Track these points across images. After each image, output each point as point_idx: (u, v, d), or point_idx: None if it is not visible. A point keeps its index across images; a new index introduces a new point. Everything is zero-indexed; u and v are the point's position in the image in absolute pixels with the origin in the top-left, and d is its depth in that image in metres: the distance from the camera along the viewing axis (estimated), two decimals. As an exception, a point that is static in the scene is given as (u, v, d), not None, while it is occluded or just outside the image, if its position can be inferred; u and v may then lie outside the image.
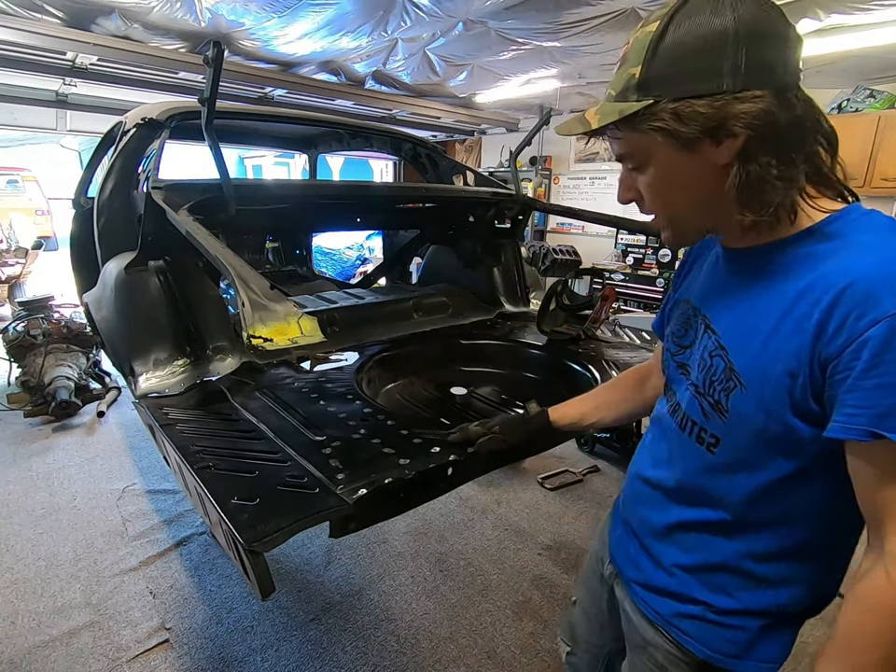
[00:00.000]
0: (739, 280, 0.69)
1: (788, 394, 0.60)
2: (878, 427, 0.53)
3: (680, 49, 0.58)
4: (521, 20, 3.03)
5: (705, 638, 0.75)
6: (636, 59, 0.61)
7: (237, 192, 1.59)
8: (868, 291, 0.54)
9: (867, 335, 0.53)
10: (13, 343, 3.70)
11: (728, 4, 0.57)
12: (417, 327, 2.12)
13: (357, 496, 0.97)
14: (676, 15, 0.59)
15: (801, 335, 0.59)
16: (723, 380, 0.67)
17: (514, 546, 2.39)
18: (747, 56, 0.56)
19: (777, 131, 0.58)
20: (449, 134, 6.57)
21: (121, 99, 4.32)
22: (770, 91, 0.57)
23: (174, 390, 1.52)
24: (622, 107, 0.62)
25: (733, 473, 0.69)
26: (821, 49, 3.12)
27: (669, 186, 0.66)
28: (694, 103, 0.58)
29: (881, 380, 0.53)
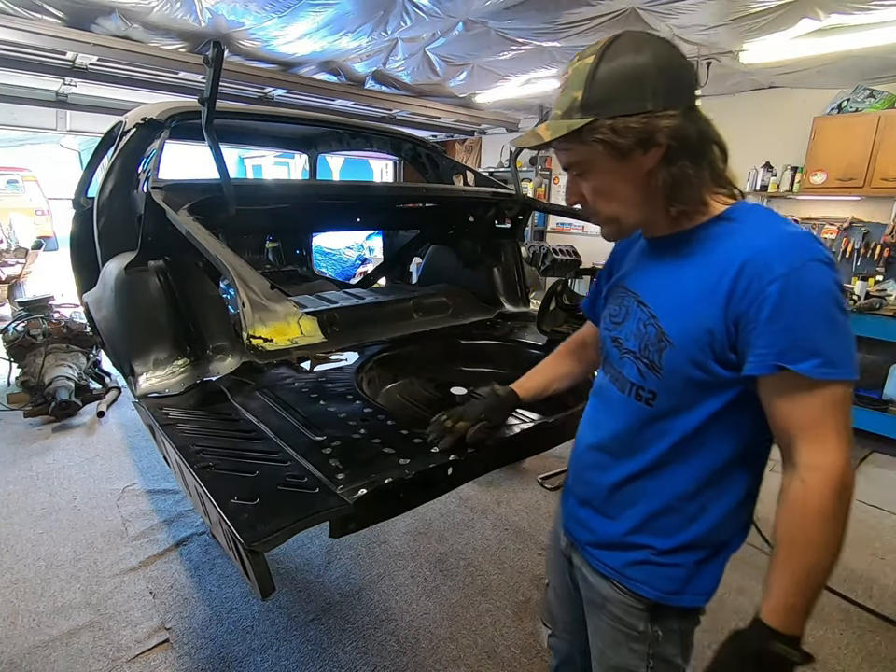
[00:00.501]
0: (662, 263, 0.85)
1: (709, 346, 0.75)
2: (780, 361, 0.68)
3: (613, 78, 0.73)
4: (521, 20, 3.02)
5: (652, 580, 0.86)
6: (577, 85, 0.75)
7: (237, 192, 1.59)
8: (764, 260, 0.70)
9: (767, 292, 0.68)
10: (13, 343, 3.70)
11: (646, 46, 0.74)
12: (417, 327, 2.12)
13: (356, 496, 0.97)
14: (607, 51, 0.74)
15: (715, 299, 0.73)
16: (656, 342, 0.80)
17: (514, 546, 2.39)
18: (663, 84, 0.72)
19: (690, 140, 0.74)
20: (449, 134, 6.56)
21: (121, 99, 4.32)
22: (682, 110, 0.73)
23: (174, 390, 1.52)
24: (569, 123, 0.75)
25: (669, 419, 0.81)
26: (821, 49, 3.12)
27: (608, 189, 0.80)
28: (627, 120, 0.72)
29: (780, 325, 0.68)
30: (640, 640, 0.89)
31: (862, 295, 3.62)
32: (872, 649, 1.88)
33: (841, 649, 1.88)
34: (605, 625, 0.94)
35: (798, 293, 0.67)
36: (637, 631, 0.89)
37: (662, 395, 0.81)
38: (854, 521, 2.85)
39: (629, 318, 0.87)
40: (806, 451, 0.70)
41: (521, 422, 1.47)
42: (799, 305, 0.67)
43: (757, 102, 4.40)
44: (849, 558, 2.36)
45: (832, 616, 2.02)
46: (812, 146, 3.91)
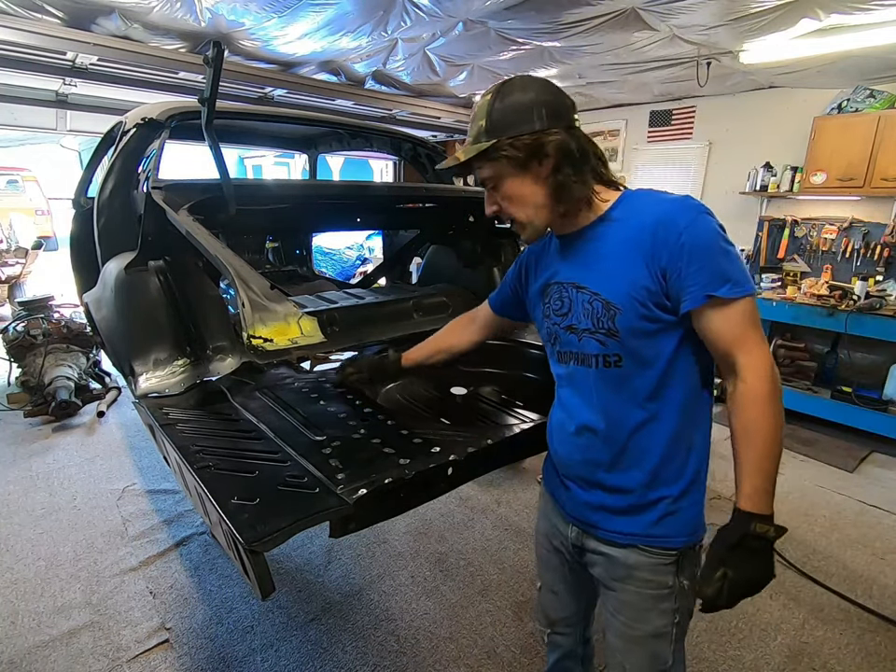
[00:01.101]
0: (582, 251, 0.99)
1: (649, 300, 0.89)
2: (706, 291, 0.84)
3: (507, 108, 0.92)
4: (521, 20, 3.02)
5: (676, 529, 0.97)
6: (481, 116, 0.94)
7: (237, 192, 1.59)
8: (668, 220, 0.87)
9: (679, 242, 0.85)
10: (13, 343, 3.70)
11: (531, 85, 0.93)
12: (417, 327, 2.11)
13: (356, 496, 0.97)
14: (501, 91, 0.93)
15: (643, 260, 0.89)
16: (605, 313, 0.93)
17: (514, 546, 2.39)
18: (546, 111, 0.91)
19: (571, 152, 0.91)
20: (449, 134, 6.55)
21: (121, 99, 4.31)
22: (562, 129, 0.91)
23: (174, 390, 1.52)
24: (478, 146, 0.94)
25: (639, 373, 0.93)
26: (821, 49, 3.11)
27: (516, 195, 0.96)
28: (522, 138, 0.90)
29: (698, 265, 0.85)
30: (668, 597, 0.98)
31: (862, 295, 3.61)
32: (872, 649, 1.88)
33: (841, 649, 1.88)
34: (632, 596, 1.00)
35: (699, 238, 0.85)
36: (666, 587, 0.97)
37: (625, 355, 0.93)
38: (854, 521, 2.85)
39: (574, 304, 0.99)
40: (741, 357, 0.86)
41: (521, 422, 1.47)
42: (704, 247, 0.85)
43: (757, 102, 4.40)
44: (849, 558, 2.36)
45: (832, 616, 2.02)
46: (812, 146, 3.91)
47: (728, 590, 0.83)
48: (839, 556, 2.37)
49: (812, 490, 2.95)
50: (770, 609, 2.05)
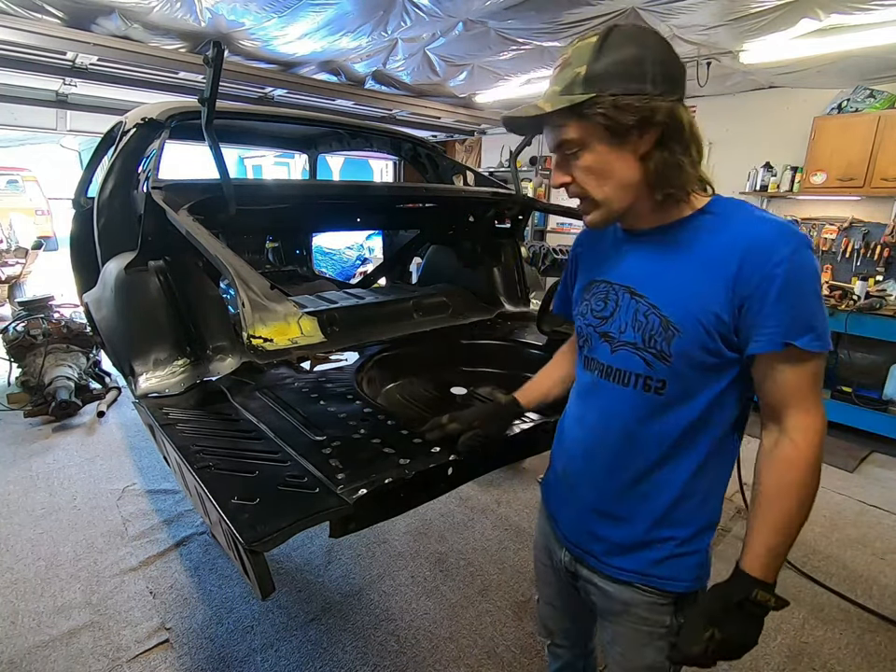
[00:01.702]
0: (651, 254, 0.85)
1: (717, 330, 0.77)
2: (787, 338, 0.73)
3: (616, 58, 0.75)
4: (521, 20, 3.02)
5: (679, 573, 0.88)
6: (580, 61, 0.77)
7: (237, 192, 1.59)
8: (767, 244, 0.74)
9: (774, 273, 0.73)
10: (13, 343, 3.70)
11: (645, 35, 0.78)
12: (417, 327, 2.11)
13: (357, 496, 0.97)
14: (610, 35, 0.77)
15: (720, 283, 0.76)
16: (661, 332, 0.81)
17: (514, 546, 2.39)
18: (662, 71, 0.75)
19: (683, 127, 0.77)
20: (449, 134, 6.56)
21: (121, 99, 4.31)
22: (677, 97, 0.77)
23: (174, 390, 1.52)
24: (570, 97, 0.76)
25: (678, 406, 0.83)
26: (821, 49, 3.12)
27: (602, 169, 0.80)
28: (628, 98, 0.74)
29: (787, 303, 0.73)
30: (665, 635, 0.90)
31: (862, 295, 3.61)
32: (872, 649, 1.88)
33: (841, 649, 1.88)
34: (627, 630, 0.93)
35: (798, 274, 0.73)
36: (663, 626, 0.90)
37: (671, 382, 0.82)
38: (854, 521, 2.85)
39: (619, 311, 0.87)
40: (796, 415, 0.77)
41: (521, 422, 1.47)
42: (800, 285, 0.73)
43: (757, 102, 4.40)
44: (849, 558, 2.36)
45: (832, 616, 2.02)
46: (812, 146, 3.91)
47: (712, 651, 0.78)
48: (839, 556, 2.37)
49: (812, 490, 2.94)
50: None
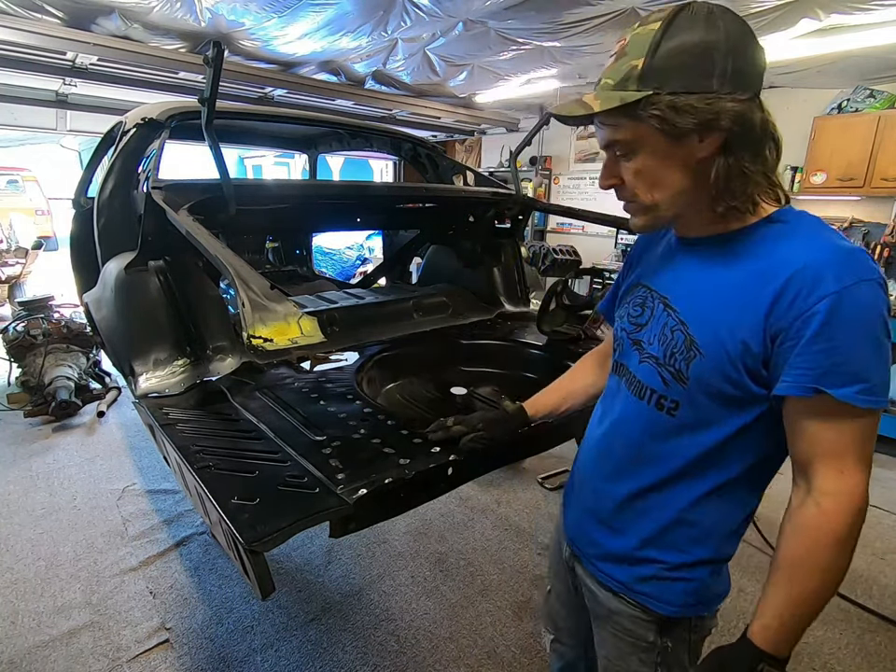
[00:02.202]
0: (696, 265, 0.78)
1: (741, 360, 0.70)
2: (820, 384, 0.64)
3: (679, 49, 0.66)
4: (521, 20, 3.02)
5: (663, 595, 0.84)
6: (637, 52, 0.68)
7: (237, 192, 1.59)
8: (815, 274, 0.64)
9: (815, 309, 0.63)
10: (13, 343, 3.70)
11: (719, 18, 0.66)
12: (417, 327, 2.11)
13: (357, 496, 0.97)
14: (675, 19, 0.67)
15: (756, 310, 0.68)
16: (684, 350, 0.75)
17: (514, 546, 2.39)
18: (733, 64, 0.65)
19: (753, 130, 0.67)
20: (449, 134, 6.55)
21: (121, 99, 4.31)
22: (750, 95, 0.67)
23: (174, 390, 1.52)
24: (623, 95, 0.68)
25: (691, 433, 0.77)
26: (821, 49, 3.12)
27: (655, 173, 0.72)
28: (689, 97, 0.65)
29: (825, 345, 0.63)
30: (649, 650, 0.87)
31: (862, 295, 3.61)
32: (872, 649, 1.88)
33: (841, 649, 1.88)
34: (612, 637, 0.92)
35: (848, 313, 0.62)
36: (646, 642, 0.87)
37: (685, 406, 0.76)
38: (854, 521, 2.78)
39: (653, 321, 0.82)
40: (827, 476, 0.68)
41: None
42: (847, 326, 0.63)
43: (757, 102, 4.40)
44: (849, 558, 2.36)
45: (832, 616, 2.02)
46: (812, 146, 3.90)
47: None
48: (839, 556, 2.37)
49: (812, 490, 2.94)
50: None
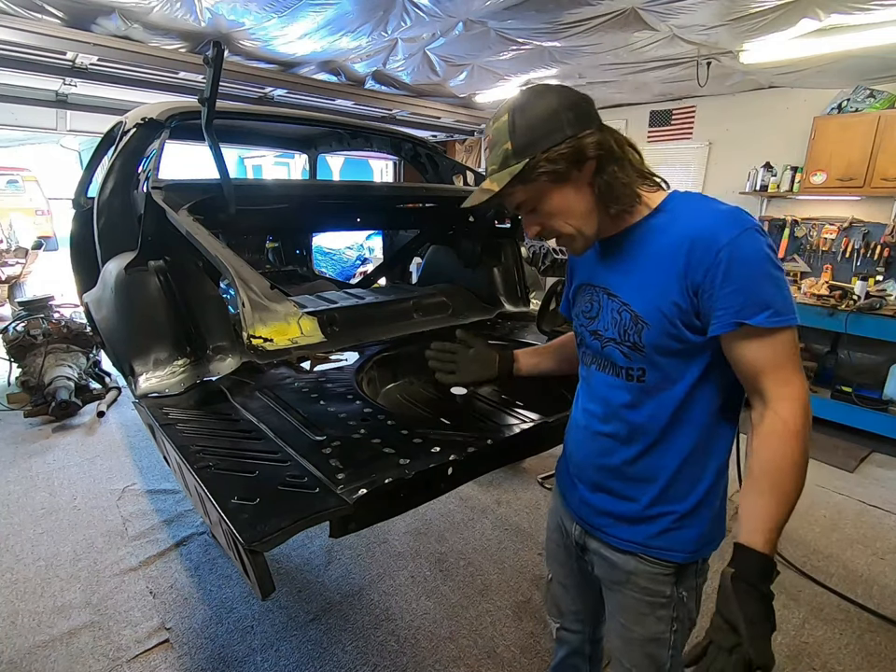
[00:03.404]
0: (619, 257, 0.93)
1: (678, 318, 0.84)
2: (738, 318, 0.78)
3: (532, 122, 0.84)
4: (521, 20, 3.02)
5: (677, 544, 0.94)
6: (503, 139, 0.86)
7: (237, 192, 1.59)
8: (708, 234, 0.80)
9: (716, 260, 0.79)
10: (13, 342, 3.70)
11: (547, 92, 0.86)
12: (417, 327, 2.11)
13: (357, 496, 0.97)
14: (516, 106, 0.86)
15: (674, 275, 0.83)
16: (633, 325, 0.89)
17: (514, 546, 2.39)
18: (573, 113, 0.84)
19: (611, 149, 0.85)
20: (449, 134, 6.55)
21: (121, 99, 4.31)
22: (594, 128, 0.84)
23: (174, 390, 1.52)
24: (510, 170, 0.85)
25: (662, 391, 0.90)
26: (821, 49, 3.11)
27: (561, 209, 0.89)
28: (556, 149, 0.83)
29: (732, 287, 0.78)
30: (666, 606, 0.96)
31: (862, 295, 3.61)
32: (872, 649, 1.88)
33: (841, 649, 1.88)
34: (630, 600, 1.00)
35: (742, 257, 0.78)
36: (664, 597, 0.96)
37: (649, 370, 0.90)
38: (854, 521, 2.84)
39: (602, 311, 0.96)
40: (775, 388, 0.81)
41: (521, 422, 1.47)
42: (744, 268, 0.78)
43: (757, 102, 4.40)
44: (849, 558, 2.36)
45: (832, 616, 2.02)
46: (812, 146, 3.91)
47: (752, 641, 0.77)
48: (839, 556, 2.37)
49: (812, 490, 2.94)
50: (770, 609, 2.04)
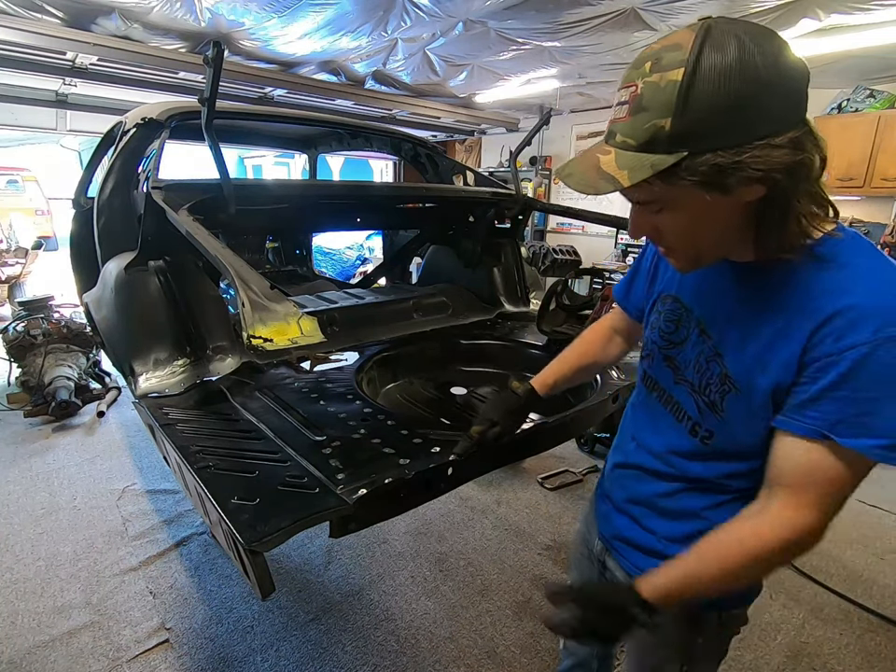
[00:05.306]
0: (736, 291, 0.72)
1: (772, 398, 0.67)
2: (831, 432, 0.61)
3: (713, 101, 0.55)
4: (521, 20, 3.02)
5: None
6: (660, 109, 0.57)
7: (237, 192, 1.59)
8: (851, 318, 0.59)
9: (840, 357, 0.59)
10: (13, 343, 3.70)
11: (754, 47, 0.55)
12: (417, 327, 2.11)
13: (357, 496, 0.97)
14: (700, 62, 0.55)
15: (792, 347, 0.64)
16: (719, 383, 0.72)
17: (514, 546, 2.39)
18: (777, 101, 0.56)
19: (801, 169, 0.59)
20: (449, 134, 6.56)
21: (121, 99, 4.32)
22: (797, 129, 0.58)
23: (174, 390, 1.52)
24: (653, 161, 0.58)
25: (725, 460, 0.76)
26: (821, 49, 3.12)
27: (697, 227, 0.65)
28: (732, 152, 0.56)
29: (844, 394, 0.60)
30: (673, 645, 0.88)
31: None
32: (872, 649, 1.88)
33: (841, 649, 1.88)
34: None
35: (879, 369, 0.58)
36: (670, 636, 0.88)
37: (719, 436, 0.74)
38: (854, 521, 2.83)
39: (688, 344, 0.78)
40: (784, 501, 0.66)
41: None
42: (876, 380, 0.58)
43: (757, 102, 4.40)
44: (849, 558, 2.36)
45: (832, 616, 2.02)
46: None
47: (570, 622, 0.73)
48: (839, 556, 2.37)
49: (812, 490, 2.94)
50: (770, 609, 2.04)
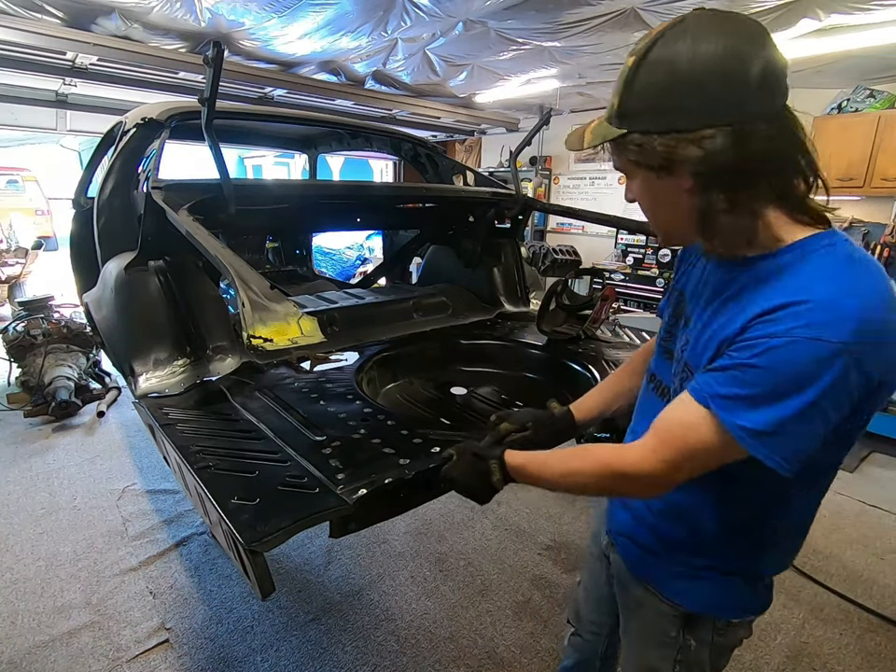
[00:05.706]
0: (714, 284, 0.75)
1: None
2: (711, 400, 0.64)
3: (651, 84, 0.61)
4: (521, 20, 3.02)
5: (689, 592, 0.85)
6: (618, 88, 0.66)
7: (237, 192, 1.59)
8: (794, 312, 0.59)
9: (758, 342, 0.60)
10: (13, 342, 3.70)
11: (695, 48, 0.57)
12: (417, 327, 2.11)
13: (357, 496, 0.97)
14: (653, 47, 0.60)
15: (732, 330, 0.66)
16: (682, 370, 0.77)
17: (514, 546, 2.39)
18: (711, 93, 0.57)
19: (728, 168, 0.59)
20: (449, 134, 6.56)
21: (121, 99, 4.32)
22: (732, 125, 0.58)
23: (174, 390, 1.52)
24: (605, 132, 0.68)
25: None
26: (821, 49, 3.12)
27: (650, 201, 0.72)
28: (652, 139, 0.61)
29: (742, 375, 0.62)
30: (670, 646, 0.89)
31: (862, 295, 3.60)
32: (872, 649, 1.88)
33: (841, 649, 1.88)
34: (637, 626, 0.96)
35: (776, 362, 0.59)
36: (668, 636, 0.88)
37: None
38: (854, 521, 2.83)
39: (679, 333, 0.82)
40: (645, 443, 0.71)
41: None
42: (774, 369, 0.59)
43: (757, 102, 4.40)
44: (849, 558, 2.36)
45: (832, 616, 2.02)
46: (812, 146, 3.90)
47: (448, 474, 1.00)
48: (839, 556, 2.37)
49: (812, 490, 2.94)
50: (770, 609, 2.04)
